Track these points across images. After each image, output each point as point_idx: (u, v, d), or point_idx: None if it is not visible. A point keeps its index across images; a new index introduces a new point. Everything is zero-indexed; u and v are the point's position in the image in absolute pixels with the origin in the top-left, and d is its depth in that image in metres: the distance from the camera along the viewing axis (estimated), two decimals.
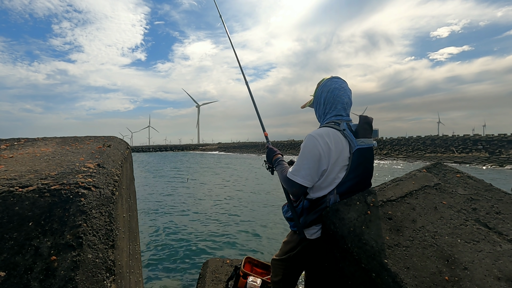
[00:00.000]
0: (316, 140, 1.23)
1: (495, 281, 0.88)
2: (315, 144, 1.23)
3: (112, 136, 1.62)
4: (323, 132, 1.26)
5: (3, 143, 1.37)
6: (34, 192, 0.80)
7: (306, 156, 1.24)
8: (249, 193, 10.66)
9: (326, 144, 1.23)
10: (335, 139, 1.25)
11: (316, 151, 1.23)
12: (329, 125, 1.31)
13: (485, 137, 31.30)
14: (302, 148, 1.27)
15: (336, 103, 1.35)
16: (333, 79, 1.39)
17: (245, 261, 2.50)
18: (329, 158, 1.24)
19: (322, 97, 1.38)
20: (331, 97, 1.35)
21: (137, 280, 1.22)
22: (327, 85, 1.38)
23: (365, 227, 1.13)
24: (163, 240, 5.40)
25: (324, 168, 1.25)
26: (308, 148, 1.25)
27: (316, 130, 1.30)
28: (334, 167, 1.26)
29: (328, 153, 1.24)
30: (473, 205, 1.18)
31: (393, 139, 40.51)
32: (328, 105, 1.37)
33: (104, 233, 0.80)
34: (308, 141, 1.26)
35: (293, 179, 1.26)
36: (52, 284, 0.65)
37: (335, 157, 1.25)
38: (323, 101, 1.38)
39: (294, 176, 1.26)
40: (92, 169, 0.98)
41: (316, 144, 1.23)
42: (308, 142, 1.25)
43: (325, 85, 1.39)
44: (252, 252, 4.69)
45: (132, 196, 1.38)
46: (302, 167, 1.25)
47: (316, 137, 1.24)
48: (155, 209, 8.21)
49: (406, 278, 0.94)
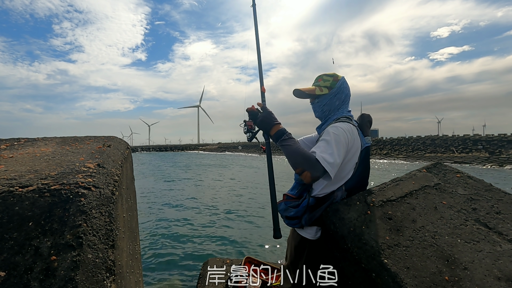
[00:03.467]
0: (344, 132, 1.19)
1: (495, 281, 0.88)
2: (344, 136, 1.19)
3: (112, 136, 1.62)
4: (347, 127, 1.22)
5: (3, 143, 1.37)
6: (34, 192, 0.80)
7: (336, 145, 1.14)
8: (249, 193, 10.67)
9: (351, 139, 1.22)
10: (356, 135, 1.26)
11: (344, 143, 1.18)
12: (345, 120, 1.28)
13: (485, 137, 31.30)
14: (331, 138, 1.16)
15: (348, 103, 1.40)
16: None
17: (245, 261, 2.50)
18: (350, 151, 1.23)
19: (344, 93, 1.37)
20: (349, 96, 1.40)
21: (137, 280, 1.22)
22: (347, 84, 1.40)
23: (365, 227, 1.13)
24: (163, 240, 5.40)
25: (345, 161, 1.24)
26: (338, 138, 1.16)
27: (339, 123, 1.24)
28: (348, 163, 1.26)
29: (351, 147, 1.23)
30: (473, 205, 1.18)
31: (393, 139, 40.51)
32: (345, 102, 1.38)
33: (104, 233, 0.80)
34: (337, 131, 1.19)
35: (324, 165, 1.09)
36: (52, 284, 0.65)
37: (353, 150, 1.25)
38: (344, 97, 1.37)
39: (325, 162, 1.10)
40: (92, 169, 0.98)
41: (345, 136, 1.19)
42: (338, 132, 1.18)
43: (346, 82, 1.39)
44: (252, 252, 4.69)
45: (132, 196, 1.38)
46: (332, 154, 1.12)
47: (344, 129, 1.20)
48: (155, 209, 8.21)
49: (406, 278, 0.94)
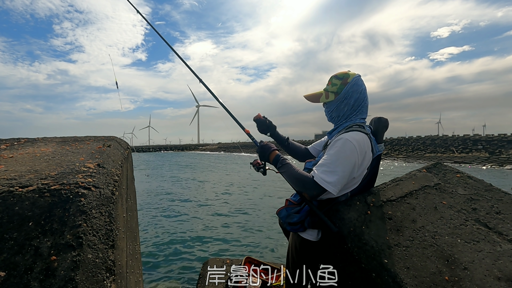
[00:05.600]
0: (354, 146, 1.13)
1: (495, 281, 0.88)
2: (353, 151, 1.13)
3: (112, 136, 1.62)
4: (360, 138, 1.16)
5: (3, 143, 1.37)
6: (34, 192, 0.80)
7: (342, 162, 1.12)
8: (249, 192, 10.67)
9: (362, 152, 1.16)
10: (368, 145, 1.20)
11: (353, 158, 1.13)
12: (357, 128, 1.21)
13: (485, 137, 31.30)
14: (338, 153, 1.14)
15: (363, 105, 1.27)
16: (360, 77, 1.28)
17: (245, 261, 2.51)
18: (361, 165, 1.18)
19: (354, 97, 1.25)
20: (362, 99, 1.26)
21: (137, 280, 1.22)
22: (359, 84, 1.26)
23: (365, 227, 1.13)
24: (163, 240, 5.40)
25: (354, 176, 1.19)
26: (345, 154, 1.13)
27: (350, 133, 1.17)
28: (357, 176, 1.21)
29: (362, 161, 1.17)
30: (473, 205, 1.18)
31: (393, 139, 40.52)
32: (356, 107, 1.26)
33: (104, 233, 0.80)
34: (346, 147, 1.13)
35: (324, 185, 1.11)
36: (52, 284, 0.65)
37: (365, 164, 1.21)
38: (354, 102, 1.25)
39: (325, 182, 1.11)
40: (92, 169, 0.98)
41: (354, 151, 1.13)
42: (346, 147, 1.13)
43: (356, 84, 1.25)
44: (252, 252, 4.69)
45: (132, 196, 1.38)
46: (335, 173, 1.12)
47: (355, 143, 1.13)
48: (155, 208, 8.21)
49: (406, 278, 0.94)
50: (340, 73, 1.31)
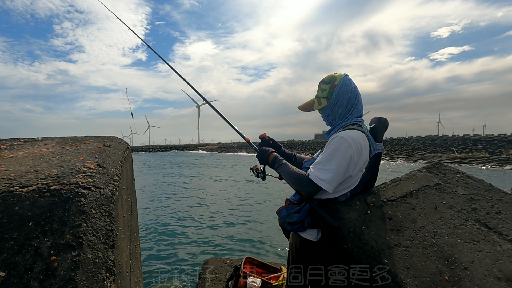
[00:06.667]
0: (349, 144, 1.14)
1: (495, 281, 0.88)
2: (347, 148, 1.14)
3: (112, 136, 1.62)
4: (355, 136, 1.17)
5: (3, 143, 1.37)
6: (34, 192, 0.80)
7: (336, 160, 1.14)
8: (250, 192, 10.67)
9: (358, 149, 1.16)
10: (365, 143, 1.20)
11: (348, 156, 1.14)
12: (354, 127, 1.22)
13: (485, 137, 31.31)
14: (333, 151, 1.16)
15: (357, 103, 1.28)
16: (348, 76, 1.29)
17: (245, 261, 2.51)
18: (357, 163, 1.19)
19: (345, 98, 1.26)
20: (354, 97, 1.27)
21: (137, 280, 1.22)
22: (347, 84, 1.27)
23: (365, 227, 1.13)
24: (163, 240, 5.40)
25: (350, 173, 1.20)
26: (340, 152, 1.15)
27: (346, 132, 1.19)
28: (354, 173, 1.22)
29: (358, 159, 1.18)
30: (473, 205, 1.18)
31: (393, 139, 40.52)
32: (350, 106, 1.27)
33: (104, 233, 0.80)
34: (341, 144, 1.15)
35: (318, 183, 1.14)
36: (52, 284, 0.65)
37: (361, 162, 1.21)
38: (346, 102, 1.26)
39: (319, 180, 1.15)
40: (92, 169, 0.98)
41: (349, 149, 1.14)
42: (341, 145, 1.15)
43: (345, 84, 1.26)
44: (252, 252, 4.69)
45: (132, 196, 1.38)
46: (330, 170, 1.14)
47: (349, 140, 1.15)
48: (155, 208, 8.21)
49: (406, 278, 0.94)
50: (327, 77, 1.32)
